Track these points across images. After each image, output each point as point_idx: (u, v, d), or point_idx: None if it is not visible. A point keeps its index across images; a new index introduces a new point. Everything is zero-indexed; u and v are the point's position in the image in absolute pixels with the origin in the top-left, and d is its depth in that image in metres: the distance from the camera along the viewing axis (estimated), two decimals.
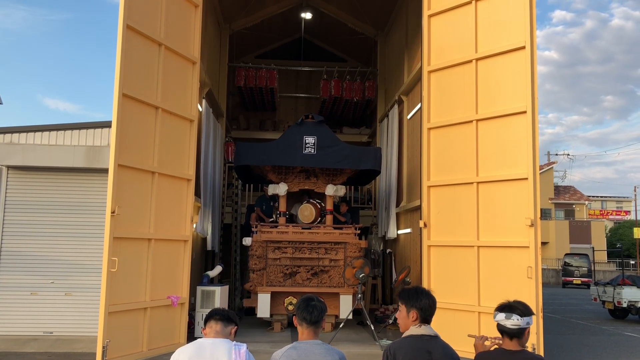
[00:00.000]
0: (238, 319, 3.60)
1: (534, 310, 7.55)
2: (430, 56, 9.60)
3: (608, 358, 9.72)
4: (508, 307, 3.19)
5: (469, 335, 3.41)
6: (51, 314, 10.07)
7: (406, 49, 13.95)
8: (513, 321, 3.13)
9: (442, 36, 9.51)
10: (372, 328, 9.81)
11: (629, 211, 59.41)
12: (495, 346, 3.30)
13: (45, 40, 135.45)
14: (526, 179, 7.97)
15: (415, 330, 3.25)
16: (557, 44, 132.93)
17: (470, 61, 8.92)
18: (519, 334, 3.15)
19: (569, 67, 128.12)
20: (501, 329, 3.20)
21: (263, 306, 10.78)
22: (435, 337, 3.22)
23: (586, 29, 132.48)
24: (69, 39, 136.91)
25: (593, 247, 31.41)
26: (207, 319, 3.43)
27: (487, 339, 3.33)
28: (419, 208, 10.39)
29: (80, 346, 9.23)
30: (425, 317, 3.28)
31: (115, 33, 7.86)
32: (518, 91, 8.24)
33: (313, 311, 3.17)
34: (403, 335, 3.29)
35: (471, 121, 8.79)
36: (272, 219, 12.13)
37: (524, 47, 8.20)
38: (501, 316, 3.18)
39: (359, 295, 10.16)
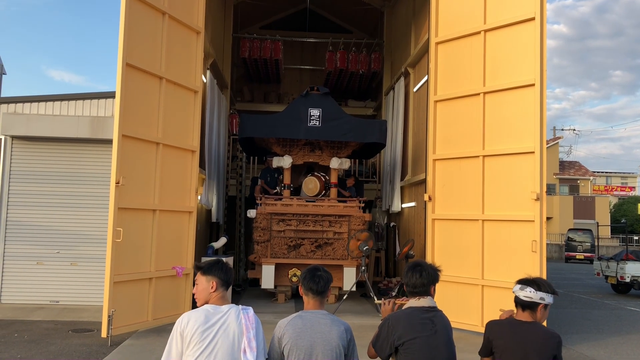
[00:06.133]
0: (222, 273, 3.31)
1: None
2: (438, 27, 9.44)
3: (610, 332, 9.76)
4: (526, 281, 3.30)
5: (500, 310, 3.46)
6: (57, 284, 10.17)
7: (413, 20, 13.73)
8: (526, 293, 3.22)
9: (450, 7, 9.34)
10: (375, 300, 9.87)
11: (634, 187, 59.29)
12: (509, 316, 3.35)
13: (50, 10, 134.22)
14: (532, 152, 7.89)
15: (415, 302, 3.27)
16: (566, 17, 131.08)
17: (478, 32, 8.78)
18: (531, 306, 3.22)
19: (578, 41, 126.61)
20: (515, 299, 3.29)
21: (267, 277, 10.86)
22: (435, 308, 3.25)
23: (597, 2, 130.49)
24: (74, 8, 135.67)
25: (597, 223, 31.38)
26: (206, 272, 3.09)
27: (513, 313, 3.35)
28: (423, 181, 10.35)
29: (86, 315, 9.33)
30: (416, 292, 3.28)
31: (119, 2, 7.75)
32: (526, 63, 8.11)
33: (319, 281, 3.16)
34: (403, 307, 3.31)
35: (478, 94, 8.69)
36: (276, 191, 12.13)
37: (533, 19, 8.05)
38: (517, 287, 3.29)
39: (363, 268, 10.20)
